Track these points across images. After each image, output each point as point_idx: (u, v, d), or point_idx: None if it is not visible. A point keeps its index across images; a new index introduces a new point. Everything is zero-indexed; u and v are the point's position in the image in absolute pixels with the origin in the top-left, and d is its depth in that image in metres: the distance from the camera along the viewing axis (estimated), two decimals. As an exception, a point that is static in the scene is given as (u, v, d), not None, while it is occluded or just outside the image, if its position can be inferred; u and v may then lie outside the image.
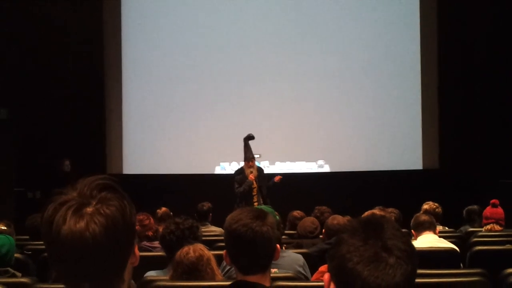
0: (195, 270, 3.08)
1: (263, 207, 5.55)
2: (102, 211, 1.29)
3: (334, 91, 10.88)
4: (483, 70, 10.44)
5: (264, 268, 2.33)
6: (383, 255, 1.27)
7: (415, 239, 4.73)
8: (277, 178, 8.79)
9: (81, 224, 1.27)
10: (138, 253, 1.39)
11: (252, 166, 8.53)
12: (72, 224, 1.27)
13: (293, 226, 6.27)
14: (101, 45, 11.00)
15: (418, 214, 5.05)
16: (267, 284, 2.32)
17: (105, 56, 11.08)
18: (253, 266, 2.31)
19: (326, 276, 1.36)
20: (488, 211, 6.13)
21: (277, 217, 3.95)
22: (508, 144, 10.18)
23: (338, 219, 4.96)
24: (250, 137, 8.68)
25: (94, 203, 1.30)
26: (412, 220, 4.92)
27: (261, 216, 2.34)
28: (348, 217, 5.17)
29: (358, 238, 1.30)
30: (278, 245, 2.40)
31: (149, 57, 11.07)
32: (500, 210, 6.11)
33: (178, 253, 3.15)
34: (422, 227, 4.74)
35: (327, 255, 1.38)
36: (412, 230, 4.82)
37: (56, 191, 1.34)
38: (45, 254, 4.63)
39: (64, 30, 10.60)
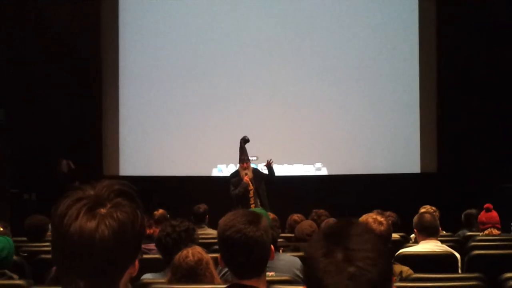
0: (194, 274, 3.04)
1: (255, 209, 5.51)
2: (114, 215, 1.32)
3: (332, 94, 10.87)
4: (483, 73, 10.43)
5: (259, 272, 2.31)
6: (343, 266, 1.23)
7: (418, 240, 4.64)
8: (266, 164, 8.68)
9: (92, 223, 1.30)
10: (137, 265, 1.41)
11: (247, 167, 8.49)
12: (83, 222, 1.30)
13: (293, 230, 6.27)
14: (98, 46, 10.98)
15: (423, 214, 4.72)
16: (263, 287, 2.31)
17: (102, 57, 11.05)
18: (248, 271, 2.29)
19: None
20: (483, 216, 6.07)
21: (270, 218, 3.92)
22: (507, 148, 10.16)
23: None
24: (245, 140, 8.66)
25: (109, 205, 1.33)
26: (416, 219, 4.62)
27: (254, 220, 2.31)
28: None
29: (320, 253, 1.27)
30: (272, 246, 2.38)
31: (146, 58, 11.05)
32: (495, 213, 6.06)
33: (177, 256, 3.11)
34: (426, 232, 4.57)
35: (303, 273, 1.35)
36: (415, 230, 4.66)
37: (73, 186, 1.37)
38: (41, 256, 4.65)
39: (61, 31, 10.58)
